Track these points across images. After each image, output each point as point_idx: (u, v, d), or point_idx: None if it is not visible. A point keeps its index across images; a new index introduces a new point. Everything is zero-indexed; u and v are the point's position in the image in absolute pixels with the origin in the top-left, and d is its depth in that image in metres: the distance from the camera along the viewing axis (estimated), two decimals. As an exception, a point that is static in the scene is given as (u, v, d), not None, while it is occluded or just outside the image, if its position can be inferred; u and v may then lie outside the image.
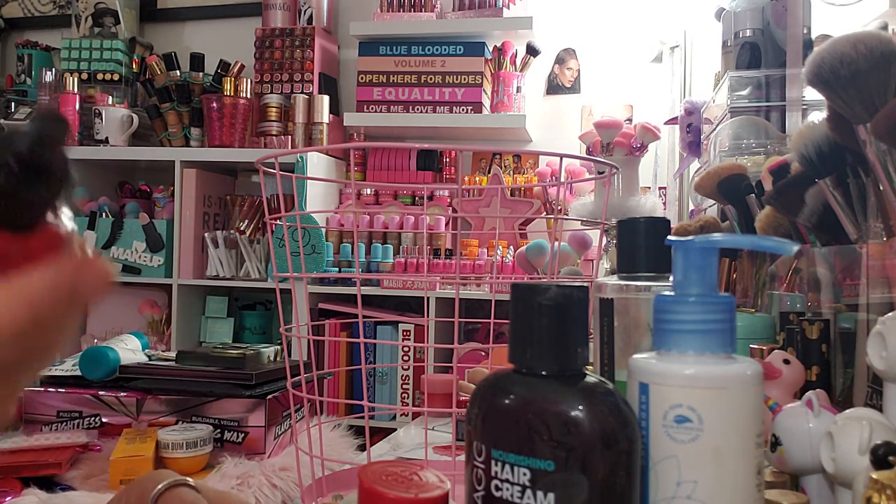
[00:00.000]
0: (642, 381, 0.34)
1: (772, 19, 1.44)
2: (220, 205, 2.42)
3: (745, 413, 0.32)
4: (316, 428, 0.70)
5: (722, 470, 0.32)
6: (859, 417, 0.45)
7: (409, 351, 2.12)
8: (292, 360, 1.35)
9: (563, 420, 0.31)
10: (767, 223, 0.92)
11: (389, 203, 2.36)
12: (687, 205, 1.94)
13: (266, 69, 2.38)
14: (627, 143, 1.70)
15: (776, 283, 0.97)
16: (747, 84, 1.38)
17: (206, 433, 1.11)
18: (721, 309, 0.34)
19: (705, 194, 1.15)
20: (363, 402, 0.84)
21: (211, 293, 2.38)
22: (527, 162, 2.38)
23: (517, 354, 0.34)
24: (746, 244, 0.68)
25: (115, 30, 2.57)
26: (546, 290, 0.34)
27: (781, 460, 0.53)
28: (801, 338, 0.69)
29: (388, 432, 1.29)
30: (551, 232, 1.95)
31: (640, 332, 0.48)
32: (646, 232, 0.49)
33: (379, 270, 2.15)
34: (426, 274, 1.99)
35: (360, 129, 2.38)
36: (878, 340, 0.47)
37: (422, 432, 1.16)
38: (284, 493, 1.10)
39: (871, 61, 0.62)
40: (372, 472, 0.35)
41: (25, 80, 2.62)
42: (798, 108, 1.25)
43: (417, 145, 0.62)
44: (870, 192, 0.69)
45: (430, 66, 2.30)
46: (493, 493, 0.33)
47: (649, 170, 2.10)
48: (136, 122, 2.41)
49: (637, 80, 2.31)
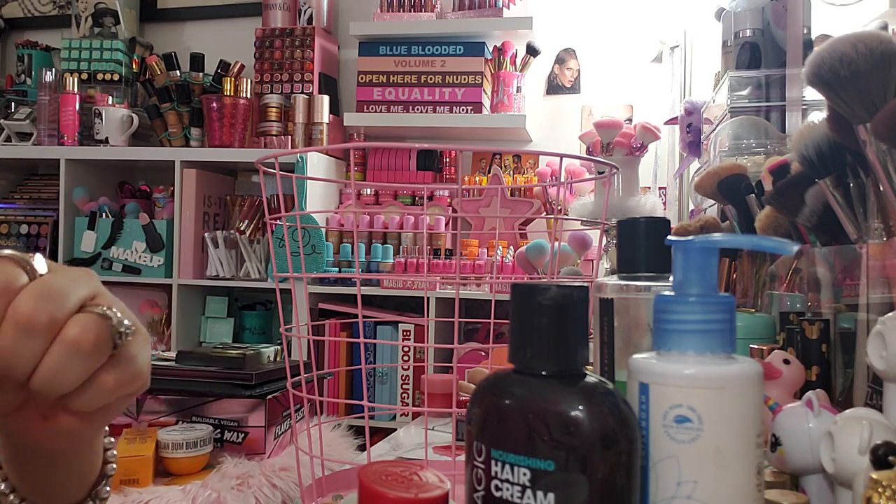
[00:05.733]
0: (642, 381, 0.34)
1: (772, 19, 1.44)
2: (220, 205, 2.42)
3: (745, 413, 0.32)
4: (316, 428, 0.70)
5: (722, 470, 0.32)
6: (859, 417, 0.45)
7: (409, 351, 2.12)
8: (292, 360, 1.35)
9: (563, 420, 0.31)
10: (767, 223, 0.92)
11: (389, 203, 2.36)
12: (687, 205, 1.94)
13: (266, 69, 2.38)
14: (627, 143, 1.70)
15: (776, 283, 0.97)
16: (747, 84, 1.38)
17: (206, 433, 1.11)
18: (721, 309, 0.34)
19: (705, 194, 1.15)
20: (363, 402, 0.84)
21: (211, 293, 2.38)
22: (527, 162, 2.38)
23: (517, 354, 0.34)
24: (746, 244, 0.68)
25: (115, 30, 2.57)
26: (546, 290, 0.34)
27: (781, 460, 0.53)
28: (801, 338, 0.69)
29: (388, 432, 1.29)
30: (551, 232, 1.95)
31: (640, 332, 0.48)
32: (646, 232, 0.49)
33: (379, 270, 2.15)
34: (426, 274, 1.99)
35: (360, 129, 2.38)
36: (878, 340, 0.47)
37: (422, 432, 1.16)
38: (284, 493, 1.10)
39: (871, 61, 0.62)
40: (372, 472, 0.35)
41: (25, 80, 2.62)
42: (798, 108, 1.25)
43: (417, 145, 0.62)
44: (870, 192, 0.69)
45: (430, 66, 2.30)
46: (493, 493, 0.33)
47: (649, 170, 2.10)
48: (136, 122, 2.40)
49: (637, 80, 2.31)
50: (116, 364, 0.38)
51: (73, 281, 0.37)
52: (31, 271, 0.37)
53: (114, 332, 0.37)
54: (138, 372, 0.39)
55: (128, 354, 0.38)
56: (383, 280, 2.07)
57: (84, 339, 0.36)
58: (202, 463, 1.11)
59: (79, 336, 0.35)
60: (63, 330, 0.35)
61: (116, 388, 0.38)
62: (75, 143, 2.38)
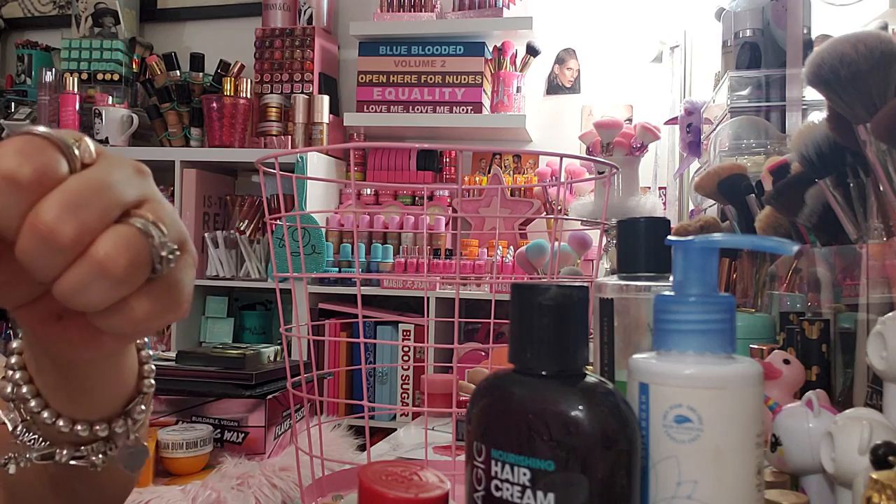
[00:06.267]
0: (642, 381, 0.34)
1: (772, 19, 1.44)
2: (220, 205, 2.42)
3: (745, 413, 0.32)
4: (316, 428, 0.70)
5: (722, 470, 0.32)
6: (859, 417, 0.45)
7: (409, 351, 2.12)
8: (292, 360, 1.35)
9: (563, 420, 0.31)
10: (767, 223, 0.92)
11: (389, 203, 2.36)
12: (687, 205, 1.94)
13: (266, 69, 2.38)
14: (627, 143, 1.70)
15: (776, 283, 0.97)
16: (747, 84, 1.38)
17: (206, 433, 1.11)
18: (721, 309, 0.34)
19: (705, 194, 1.15)
20: (363, 402, 0.84)
21: (211, 293, 2.38)
22: (527, 162, 2.38)
23: (517, 354, 0.34)
24: (746, 244, 0.68)
25: (115, 30, 2.57)
26: (546, 290, 0.34)
27: (781, 460, 0.53)
28: (801, 338, 0.69)
29: (388, 432, 1.29)
30: (551, 232, 1.95)
31: (640, 332, 0.48)
32: (646, 232, 0.49)
33: (379, 270, 2.15)
34: (426, 274, 1.99)
35: (360, 129, 2.38)
36: (878, 340, 0.47)
37: (422, 432, 1.16)
38: (284, 493, 1.10)
39: (871, 61, 0.62)
40: (372, 472, 0.35)
41: (25, 80, 2.62)
42: (798, 108, 1.25)
43: (417, 145, 0.62)
44: (870, 192, 0.69)
45: (430, 66, 2.30)
46: (493, 493, 0.33)
47: (649, 170, 2.10)
48: (136, 122, 2.40)
49: (637, 80, 2.31)
50: (153, 291, 0.32)
51: (119, 182, 0.31)
52: (72, 159, 0.30)
53: (154, 254, 0.31)
54: (178, 301, 0.33)
55: (168, 281, 0.32)
56: (383, 280, 2.07)
57: (115, 261, 0.30)
58: (202, 463, 1.11)
59: (109, 256, 0.29)
60: (93, 245, 0.30)
61: (148, 318, 0.32)
62: (75, 143, 2.38)
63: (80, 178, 0.30)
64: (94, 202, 0.30)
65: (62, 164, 0.30)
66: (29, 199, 0.29)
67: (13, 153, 0.29)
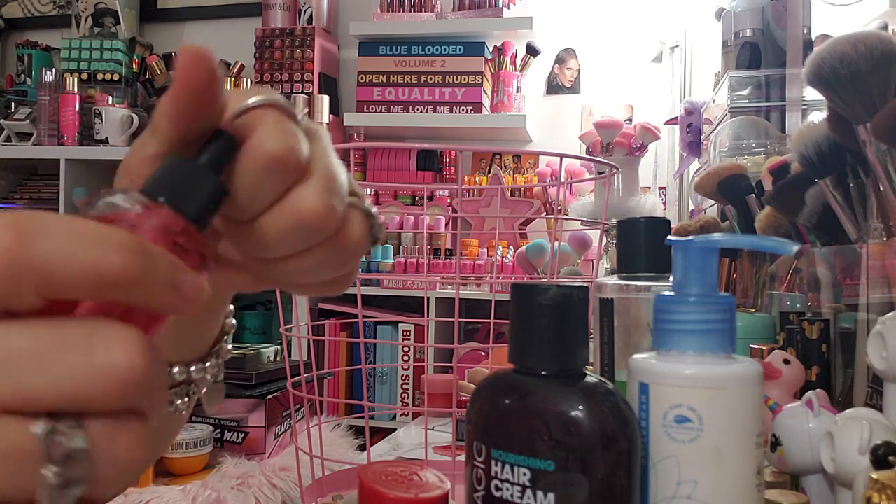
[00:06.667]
0: (642, 381, 0.34)
1: (772, 19, 1.44)
2: (220, 205, 2.42)
3: (745, 413, 0.32)
4: (316, 428, 0.70)
5: (722, 470, 0.32)
6: (859, 417, 0.45)
7: (409, 351, 2.12)
8: (292, 360, 1.35)
9: (563, 420, 0.31)
10: (767, 223, 0.92)
11: (389, 203, 2.36)
12: (687, 205, 1.94)
13: (266, 69, 2.38)
14: (627, 143, 1.70)
15: (776, 283, 0.97)
16: (747, 84, 1.38)
17: (206, 433, 1.11)
18: (721, 309, 0.34)
19: (705, 194, 1.15)
20: (363, 402, 0.84)
21: (211, 293, 2.38)
22: (527, 162, 2.38)
23: (517, 354, 0.34)
24: (746, 244, 0.68)
25: (115, 30, 2.57)
26: (546, 290, 0.34)
27: (781, 460, 0.53)
28: (801, 338, 0.69)
29: (388, 432, 1.29)
30: (551, 232, 1.95)
31: (640, 332, 0.48)
32: (646, 232, 0.49)
33: (379, 270, 2.15)
34: (426, 274, 1.99)
35: (360, 129, 2.38)
36: (878, 340, 0.47)
37: (422, 432, 1.16)
38: (284, 493, 1.10)
39: (871, 61, 0.62)
40: (372, 472, 0.35)
41: (25, 80, 2.62)
42: (798, 108, 1.25)
43: (417, 145, 0.62)
44: (870, 192, 0.69)
45: (430, 66, 2.30)
46: (493, 493, 0.33)
47: (649, 170, 2.10)
48: (136, 123, 2.40)
49: (637, 80, 2.31)
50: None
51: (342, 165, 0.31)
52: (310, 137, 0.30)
53: (373, 234, 0.32)
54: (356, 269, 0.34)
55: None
56: (383, 280, 2.07)
57: (358, 245, 0.31)
58: (202, 463, 1.11)
59: (356, 243, 0.31)
60: (341, 231, 0.30)
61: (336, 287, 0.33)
62: (75, 143, 2.38)
63: (327, 165, 0.30)
64: (340, 190, 0.30)
65: (305, 144, 0.30)
66: (287, 184, 0.29)
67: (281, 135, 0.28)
